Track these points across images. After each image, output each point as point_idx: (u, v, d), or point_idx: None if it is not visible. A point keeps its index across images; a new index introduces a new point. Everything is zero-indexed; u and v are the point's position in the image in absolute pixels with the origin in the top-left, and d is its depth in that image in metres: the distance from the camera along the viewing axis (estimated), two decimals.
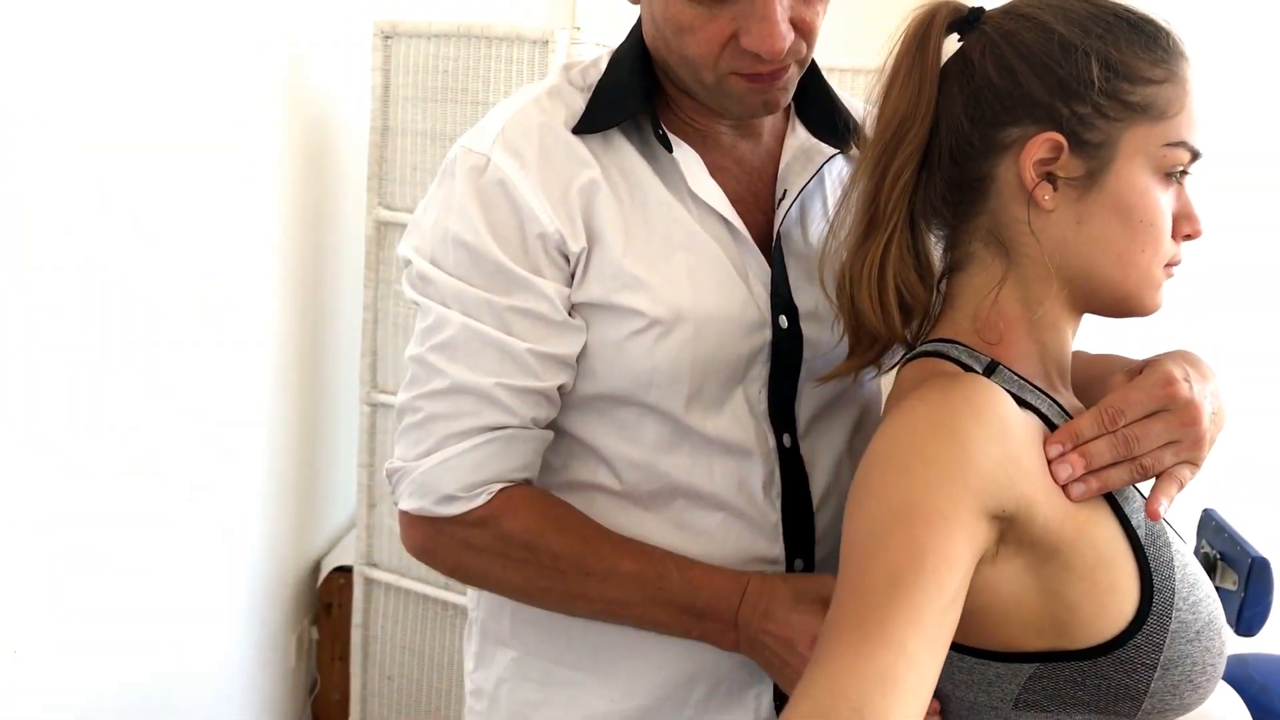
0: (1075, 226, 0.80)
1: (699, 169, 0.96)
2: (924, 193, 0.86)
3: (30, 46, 1.31)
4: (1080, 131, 0.79)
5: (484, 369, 0.92)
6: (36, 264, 1.35)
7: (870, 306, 0.86)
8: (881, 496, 0.73)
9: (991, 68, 0.81)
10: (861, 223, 0.87)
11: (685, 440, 0.97)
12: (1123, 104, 0.78)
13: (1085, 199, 0.79)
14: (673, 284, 0.93)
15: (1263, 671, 1.90)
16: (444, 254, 0.94)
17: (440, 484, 0.93)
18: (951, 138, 0.83)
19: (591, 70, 1.00)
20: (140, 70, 1.53)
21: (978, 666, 0.78)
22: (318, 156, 2.15)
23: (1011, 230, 0.82)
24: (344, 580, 2.23)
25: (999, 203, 0.82)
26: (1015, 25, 0.82)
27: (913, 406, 0.77)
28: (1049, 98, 0.79)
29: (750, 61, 0.88)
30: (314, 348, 2.20)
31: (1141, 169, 0.79)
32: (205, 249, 1.74)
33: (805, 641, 0.88)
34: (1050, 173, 0.79)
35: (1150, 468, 0.78)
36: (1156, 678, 0.75)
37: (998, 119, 0.81)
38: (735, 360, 0.96)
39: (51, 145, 1.36)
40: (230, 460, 1.89)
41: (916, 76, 0.83)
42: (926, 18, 0.84)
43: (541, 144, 0.94)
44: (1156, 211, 0.79)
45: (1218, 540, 1.72)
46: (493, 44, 1.94)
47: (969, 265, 0.85)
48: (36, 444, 1.39)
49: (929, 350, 0.84)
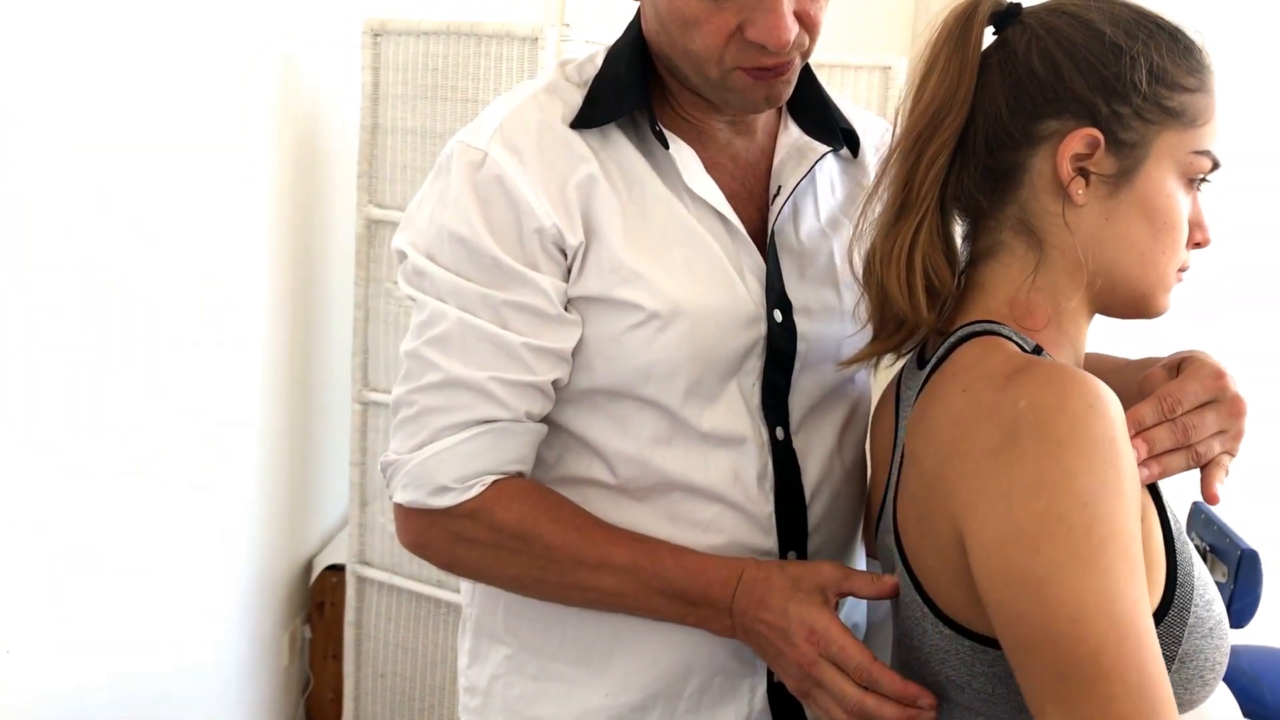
0: (1103, 223, 0.82)
1: (695, 165, 0.96)
2: (956, 179, 0.87)
3: (21, 44, 1.30)
4: (1117, 130, 0.81)
5: (479, 363, 0.93)
6: (25, 264, 1.35)
7: (899, 288, 0.87)
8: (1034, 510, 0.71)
9: (1036, 59, 0.83)
10: (894, 206, 0.88)
11: (680, 434, 0.97)
12: (1161, 108, 0.81)
13: (1115, 197, 0.82)
14: (671, 278, 0.94)
15: (1252, 663, 1.92)
16: (440, 248, 0.94)
17: (434, 475, 0.93)
18: (989, 126, 0.84)
19: (588, 66, 1.00)
20: (131, 69, 1.52)
21: (1000, 659, 0.78)
22: (308, 155, 2.14)
23: (1043, 221, 0.84)
24: (336, 579, 2.23)
25: (1031, 193, 0.84)
26: (1060, 21, 0.83)
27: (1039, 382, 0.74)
28: (1091, 95, 0.81)
29: (755, 54, 0.89)
30: (305, 346, 2.20)
31: (1169, 173, 0.82)
32: (196, 247, 1.73)
33: (801, 632, 0.88)
34: (1084, 168, 0.81)
35: (1203, 455, 0.83)
36: (1173, 670, 0.76)
37: (1038, 110, 0.82)
38: (731, 354, 0.96)
39: (41, 144, 1.36)
40: (222, 459, 1.89)
41: (957, 64, 0.84)
42: (969, 7, 0.85)
43: (539, 139, 0.94)
44: (1179, 215, 0.82)
45: (1208, 533, 1.73)
46: (482, 42, 1.94)
47: (1000, 253, 0.86)
48: (27, 443, 1.39)
49: (980, 330, 0.84)
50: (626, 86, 0.96)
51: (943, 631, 0.81)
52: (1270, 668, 1.88)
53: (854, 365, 0.96)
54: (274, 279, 2.03)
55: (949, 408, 0.80)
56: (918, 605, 0.83)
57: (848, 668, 0.86)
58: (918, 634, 0.84)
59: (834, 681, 0.86)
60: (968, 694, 0.82)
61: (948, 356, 0.85)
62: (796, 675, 0.89)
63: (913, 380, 0.91)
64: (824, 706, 0.88)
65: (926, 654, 0.84)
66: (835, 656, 0.86)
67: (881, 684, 0.84)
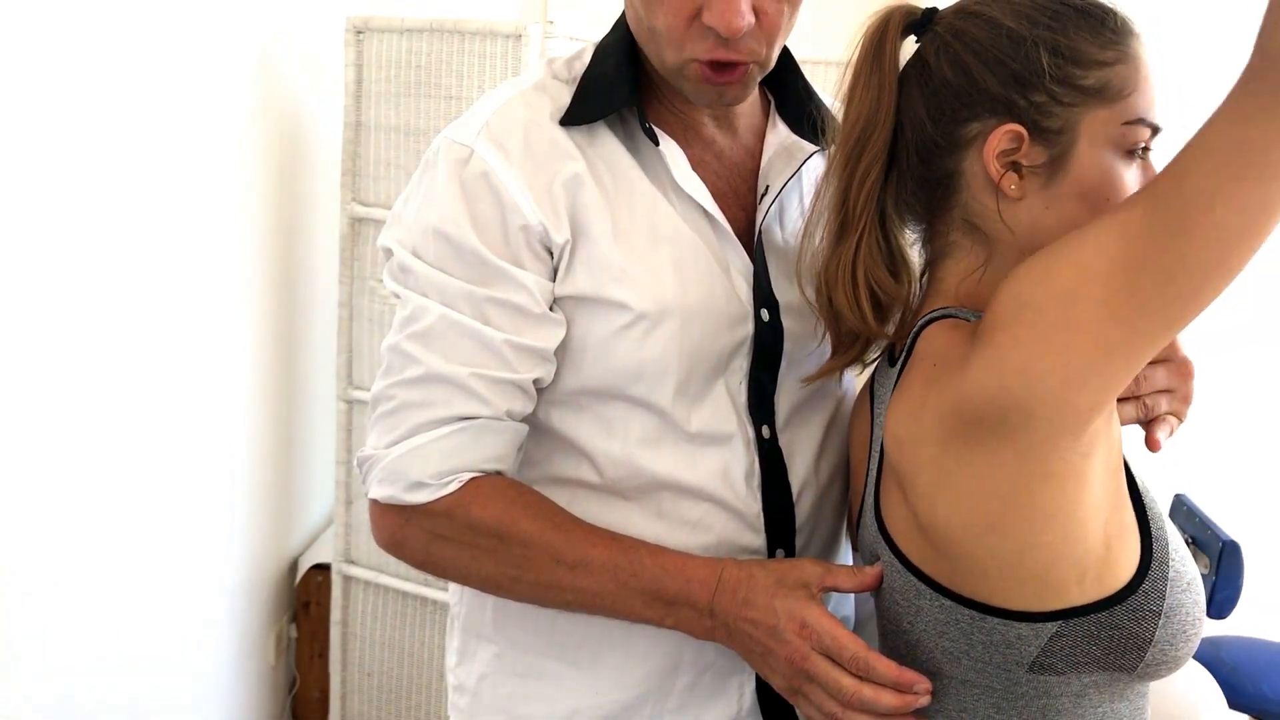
0: (1044, 210, 0.83)
1: (683, 163, 0.96)
2: (895, 191, 0.89)
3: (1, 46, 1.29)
4: (1039, 120, 0.81)
5: (460, 359, 0.92)
6: (2, 267, 1.34)
7: (847, 305, 0.89)
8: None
9: (947, 67, 0.84)
10: (834, 225, 0.90)
11: (669, 434, 0.97)
12: (1076, 89, 0.81)
13: (1051, 184, 0.82)
14: (658, 277, 0.94)
15: (1233, 654, 1.94)
16: (425, 245, 0.94)
17: (410, 471, 0.92)
18: (916, 138, 0.86)
19: (576, 63, 1.00)
20: (113, 67, 1.51)
21: (999, 628, 0.80)
22: (291, 153, 2.13)
23: (986, 219, 0.85)
24: (322, 578, 2.23)
25: (970, 194, 0.85)
26: (965, 24, 0.85)
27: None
28: (1004, 90, 0.82)
29: (711, 44, 0.89)
30: (290, 344, 2.19)
31: (1103, 150, 0.82)
32: (179, 246, 1.73)
33: (792, 626, 0.87)
34: (1015, 162, 0.82)
35: (1151, 408, 0.89)
36: (1160, 625, 0.78)
37: (958, 115, 0.84)
38: (719, 353, 0.96)
39: (20, 144, 1.35)
40: (207, 458, 1.88)
41: (875, 82, 0.87)
42: (881, 23, 0.87)
43: (526, 137, 0.94)
44: (1122, 190, 0.82)
45: (1190, 525, 1.75)
46: (466, 39, 1.93)
47: (953, 253, 0.88)
48: (9, 444, 1.38)
49: (937, 316, 0.86)
50: (615, 84, 0.96)
51: (942, 603, 0.82)
52: (1251, 658, 1.90)
53: (817, 380, 0.97)
54: (258, 277, 2.02)
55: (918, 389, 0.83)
56: (911, 586, 0.84)
57: (842, 659, 0.85)
58: (909, 615, 0.85)
59: (829, 674, 0.86)
60: (964, 664, 0.83)
61: (913, 349, 0.87)
62: (787, 672, 0.88)
63: (885, 378, 0.93)
64: (816, 702, 0.87)
65: (919, 633, 0.85)
66: (829, 649, 0.86)
67: (878, 672, 0.84)
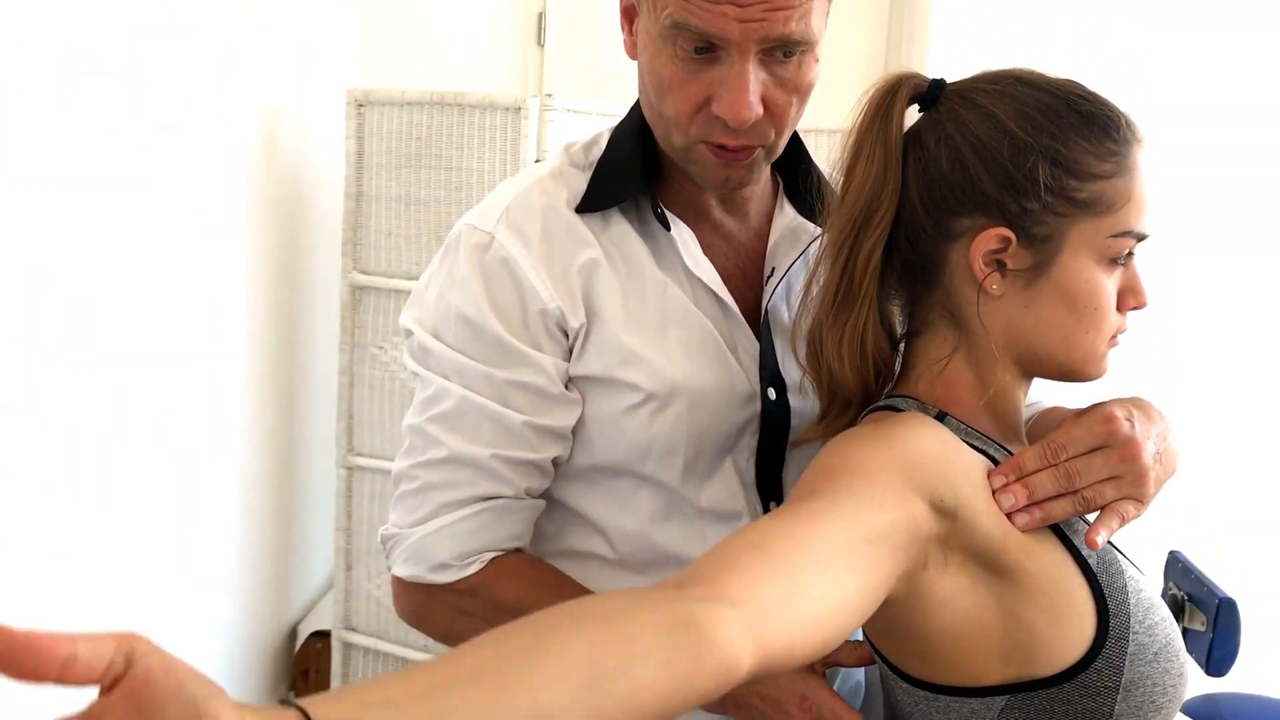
0: (1023, 310, 0.83)
1: (695, 247, 0.99)
2: (888, 267, 0.89)
3: (5, 111, 1.32)
4: (1028, 226, 0.81)
5: (481, 440, 0.95)
6: (14, 336, 1.36)
7: (852, 374, 0.89)
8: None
9: (945, 159, 0.84)
10: (834, 294, 0.88)
11: (678, 510, 0.99)
12: (1070, 201, 0.81)
13: (1032, 287, 0.83)
14: (668, 359, 0.96)
15: (1232, 710, 1.94)
16: (446, 327, 0.96)
17: (434, 551, 0.95)
18: (908, 221, 0.86)
19: (593, 148, 1.03)
20: (118, 135, 1.54)
21: (953, 704, 0.81)
22: (293, 222, 2.16)
23: (964, 309, 0.85)
24: (321, 645, 2.22)
25: (952, 283, 0.86)
26: (970, 115, 0.84)
27: (853, 430, 0.85)
28: (999, 194, 0.81)
29: (719, 130, 0.91)
30: (290, 411, 2.21)
31: (1087, 259, 0.82)
32: (181, 313, 1.75)
33: (794, 700, 0.91)
34: (1000, 260, 0.83)
35: (1092, 500, 0.81)
36: (1120, 700, 0.78)
37: (950, 209, 0.84)
38: (727, 432, 0.99)
39: (23, 213, 1.37)
40: (207, 525, 1.89)
41: (880, 155, 0.85)
42: (887, 92, 0.86)
43: (544, 224, 0.97)
44: (1101, 296, 0.82)
45: (1185, 582, 1.76)
46: (466, 111, 1.97)
47: (926, 332, 0.89)
48: (10, 518, 1.38)
49: (883, 405, 0.88)
50: (629, 171, 0.99)
51: (900, 684, 0.85)
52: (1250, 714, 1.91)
53: (804, 443, 0.98)
54: (259, 345, 2.04)
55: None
56: (881, 664, 0.88)
57: None
58: (893, 691, 0.88)
59: None
60: None
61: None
62: None
63: None
64: None
65: (908, 709, 0.87)
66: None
67: None
